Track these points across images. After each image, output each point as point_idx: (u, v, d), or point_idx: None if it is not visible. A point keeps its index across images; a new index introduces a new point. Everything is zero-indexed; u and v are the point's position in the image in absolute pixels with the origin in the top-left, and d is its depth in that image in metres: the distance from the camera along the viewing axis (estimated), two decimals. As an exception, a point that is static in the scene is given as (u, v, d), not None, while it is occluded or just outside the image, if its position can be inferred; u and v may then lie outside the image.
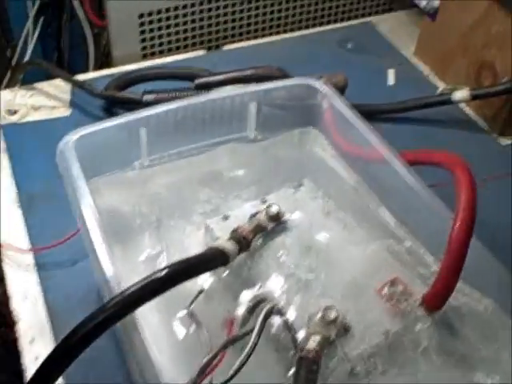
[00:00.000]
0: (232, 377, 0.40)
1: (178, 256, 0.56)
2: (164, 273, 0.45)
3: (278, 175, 0.64)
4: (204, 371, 0.41)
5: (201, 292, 0.52)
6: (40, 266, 0.66)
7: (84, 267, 0.66)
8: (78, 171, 0.55)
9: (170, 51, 0.96)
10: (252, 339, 0.42)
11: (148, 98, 0.80)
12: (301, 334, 0.48)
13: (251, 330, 0.43)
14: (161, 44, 0.95)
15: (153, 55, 0.95)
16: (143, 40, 0.94)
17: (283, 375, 0.47)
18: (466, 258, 0.47)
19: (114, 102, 0.83)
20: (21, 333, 0.60)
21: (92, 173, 0.58)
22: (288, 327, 0.46)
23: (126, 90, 0.85)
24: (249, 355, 0.41)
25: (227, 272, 0.54)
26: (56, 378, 0.40)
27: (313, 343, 0.47)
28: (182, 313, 0.50)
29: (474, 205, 0.48)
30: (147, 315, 0.47)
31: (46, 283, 0.65)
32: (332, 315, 0.48)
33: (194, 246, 0.57)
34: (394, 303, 0.51)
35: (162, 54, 0.96)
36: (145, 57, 0.95)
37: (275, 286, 0.52)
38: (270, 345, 0.49)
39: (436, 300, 0.49)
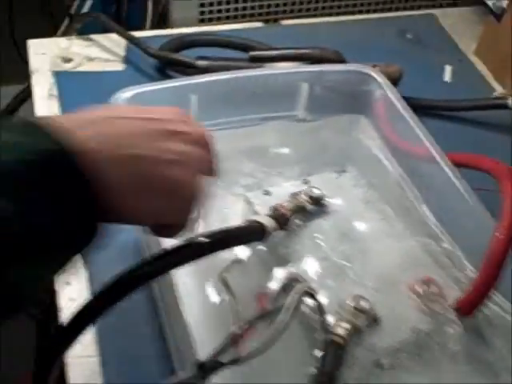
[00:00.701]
0: (260, 351, 0.41)
1: (215, 224, 0.56)
2: (204, 239, 0.45)
3: (322, 158, 0.64)
4: (230, 343, 0.41)
5: (236, 261, 0.52)
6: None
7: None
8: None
9: (227, 19, 0.95)
10: (283, 318, 0.42)
11: (201, 63, 0.80)
12: (330, 319, 0.48)
13: (280, 308, 0.43)
14: (219, 11, 0.94)
15: (210, 21, 0.95)
16: (202, 5, 0.93)
17: (307, 352, 0.47)
18: (503, 268, 0.46)
19: (168, 63, 0.83)
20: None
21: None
22: (320, 310, 0.46)
23: (180, 53, 0.84)
24: (280, 332, 0.41)
25: (263, 247, 0.54)
26: (91, 323, 0.40)
27: (342, 330, 0.47)
28: (215, 279, 0.50)
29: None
30: (182, 275, 0.48)
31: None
32: (364, 305, 0.49)
33: (232, 216, 0.57)
34: (426, 302, 0.50)
35: (219, 20, 0.95)
36: (202, 22, 0.95)
37: (309, 267, 0.53)
38: (298, 322, 0.49)
39: (469, 307, 0.48)
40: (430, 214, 0.58)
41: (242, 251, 0.52)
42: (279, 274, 0.51)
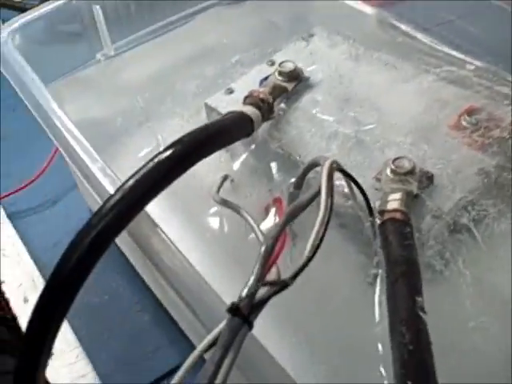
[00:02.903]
0: (315, 251, 0.27)
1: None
2: (177, 148, 0.31)
3: (278, 32, 0.51)
4: (266, 261, 0.28)
5: (225, 178, 0.39)
6: (12, 217, 0.53)
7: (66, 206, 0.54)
8: (31, 75, 0.42)
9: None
10: (323, 201, 0.29)
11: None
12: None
13: (315, 195, 0.30)
14: None
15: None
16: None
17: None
18: None
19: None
20: (10, 295, 0.48)
21: (46, 76, 0.44)
22: (360, 188, 0.33)
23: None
24: (327, 221, 0.28)
25: (247, 154, 0.41)
26: (58, 323, 0.27)
27: (395, 203, 0.34)
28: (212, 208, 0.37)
29: None
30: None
31: (26, 234, 0.52)
32: (406, 165, 0.36)
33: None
34: (481, 134, 0.38)
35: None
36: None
37: (318, 151, 0.39)
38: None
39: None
40: (435, 42, 0.46)
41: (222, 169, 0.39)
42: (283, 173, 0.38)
